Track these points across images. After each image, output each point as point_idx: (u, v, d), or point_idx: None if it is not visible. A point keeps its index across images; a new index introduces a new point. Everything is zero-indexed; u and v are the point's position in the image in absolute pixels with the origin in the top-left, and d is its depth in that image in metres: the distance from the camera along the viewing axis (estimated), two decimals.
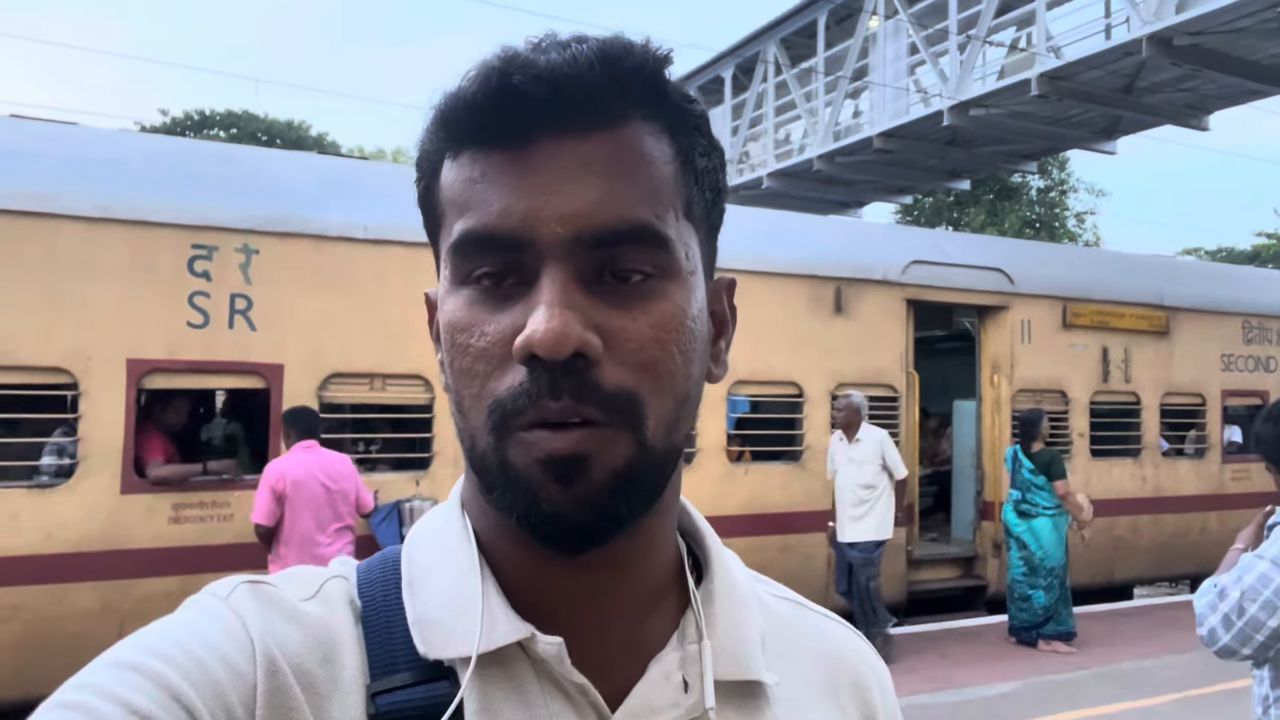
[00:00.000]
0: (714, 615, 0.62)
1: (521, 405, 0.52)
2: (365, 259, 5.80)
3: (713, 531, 0.67)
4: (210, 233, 5.42)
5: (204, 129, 26.36)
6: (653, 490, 0.57)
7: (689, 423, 0.59)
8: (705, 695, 0.59)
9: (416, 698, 0.54)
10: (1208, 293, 9.83)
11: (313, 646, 0.55)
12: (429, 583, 0.59)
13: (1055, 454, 7.04)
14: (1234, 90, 10.70)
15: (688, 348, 0.56)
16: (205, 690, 0.50)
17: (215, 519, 5.35)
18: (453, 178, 0.56)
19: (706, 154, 0.60)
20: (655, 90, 0.56)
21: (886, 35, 13.40)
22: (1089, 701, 5.68)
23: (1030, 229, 25.62)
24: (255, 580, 0.58)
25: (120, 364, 5.16)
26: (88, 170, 5.30)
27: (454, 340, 0.55)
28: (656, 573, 0.62)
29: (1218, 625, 1.96)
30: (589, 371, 0.52)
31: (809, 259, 7.51)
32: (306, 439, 4.92)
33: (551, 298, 0.51)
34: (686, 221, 0.58)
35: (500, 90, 0.53)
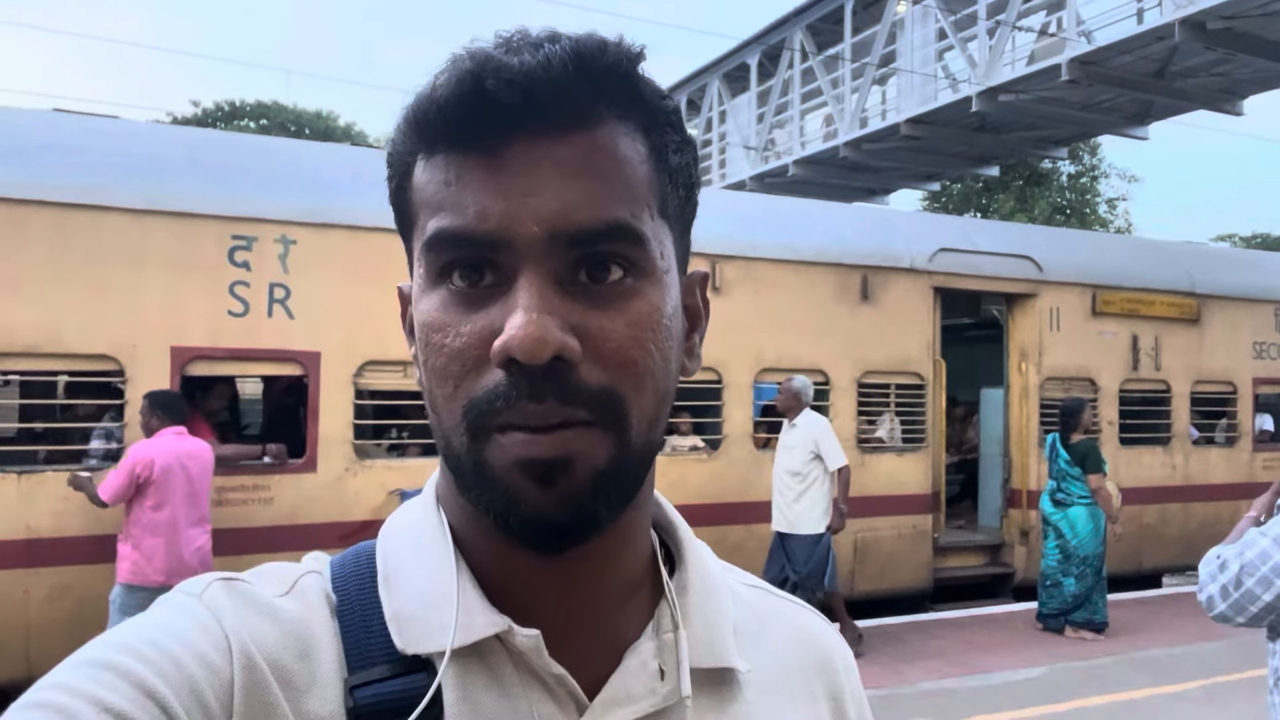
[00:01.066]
0: (688, 605, 0.64)
1: (499, 407, 0.52)
2: (399, 249, 5.86)
3: (685, 524, 0.69)
4: (250, 224, 5.56)
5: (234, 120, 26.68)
6: (632, 488, 0.58)
7: (666, 419, 0.59)
8: (681, 683, 0.60)
9: (395, 690, 0.54)
10: (1239, 280, 9.73)
11: (289, 642, 0.55)
12: (405, 577, 0.59)
13: (1093, 445, 7.00)
14: (1268, 74, 10.57)
15: (664, 345, 0.57)
16: (180, 687, 0.50)
17: (257, 502, 5.50)
18: (426, 179, 0.56)
19: (679, 150, 0.60)
20: (629, 89, 0.56)
21: (914, 21, 13.31)
22: (1116, 687, 5.70)
23: (1060, 215, 25.34)
24: (229, 577, 0.57)
25: (165, 351, 5.32)
26: (132, 163, 5.45)
27: (428, 339, 0.55)
28: (632, 565, 0.63)
29: (1215, 594, 2.04)
30: (570, 373, 0.52)
31: (836, 247, 7.53)
32: (176, 424, 4.79)
33: (529, 301, 0.52)
34: (661, 220, 0.58)
35: (473, 94, 0.52)
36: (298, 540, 5.48)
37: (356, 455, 5.81)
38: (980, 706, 5.34)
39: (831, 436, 6.20)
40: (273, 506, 5.53)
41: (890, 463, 7.72)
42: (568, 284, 0.54)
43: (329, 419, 5.70)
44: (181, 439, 4.80)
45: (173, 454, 4.69)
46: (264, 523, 5.49)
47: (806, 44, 15.17)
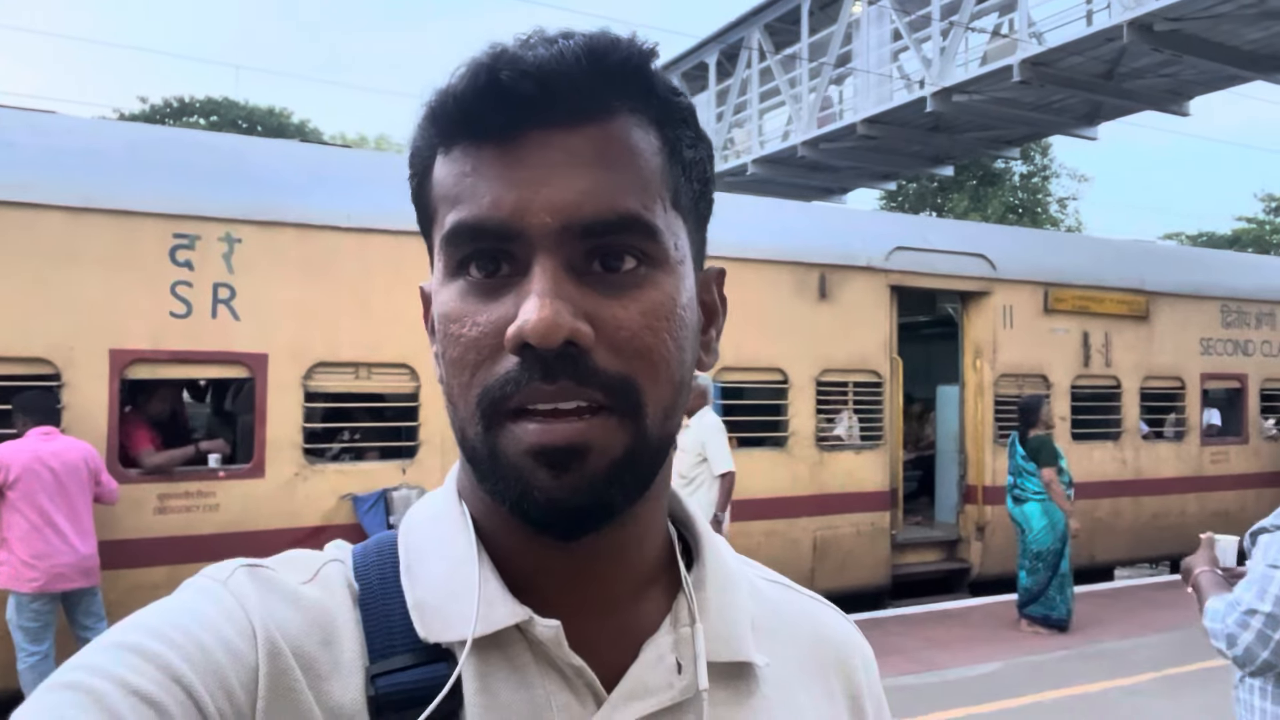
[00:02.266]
0: (705, 599, 0.64)
1: (509, 391, 0.53)
2: (349, 247, 5.78)
3: (703, 517, 0.69)
4: (192, 221, 5.39)
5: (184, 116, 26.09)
6: (647, 477, 0.58)
7: (682, 409, 0.60)
8: (699, 677, 0.60)
9: (416, 679, 0.55)
10: (1187, 277, 9.93)
11: (312, 629, 0.56)
12: (426, 567, 0.60)
13: (1046, 440, 7.05)
14: (1214, 75, 10.79)
15: (679, 335, 0.57)
16: (205, 672, 0.50)
17: (201, 509, 5.34)
18: (444, 173, 0.57)
19: (694, 145, 0.61)
20: (641, 84, 0.57)
21: (870, 21, 13.41)
22: (1071, 681, 5.76)
23: (1013, 214, 25.76)
24: (253, 564, 0.58)
25: (103, 354, 5.14)
26: (69, 159, 5.26)
27: (447, 331, 0.56)
28: (649, 558, 0.63)
29: (1251, 642, 1.90)
30: (584, 357, 0.53)
31: (794, 245, 7.54)
32: (44, 424, 4.65)
33: (542, 287, 0.52)
34: (675, 212, 0.59)
35: (489, 86, 0.54)
36: (245, 548, 5.32)
37: (306, 459, 5.67)
38: (938, 703, 5.36)
39: (721, 439, 5.85)
40: (218, 513, 5.37)
41: (848, 460, 7.75)
42: (582, 272, 0.55)
43: (277, 422, 5.55)
44: (48, 439, 4.62)
45: (32, 455, 4.51)
46: (209, 530, 5.33)
47: (764, 43, 15.20)
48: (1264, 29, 9.59)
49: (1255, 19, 9.27)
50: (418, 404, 5.98)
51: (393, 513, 5.64)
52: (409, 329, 5.90)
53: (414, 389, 5.96)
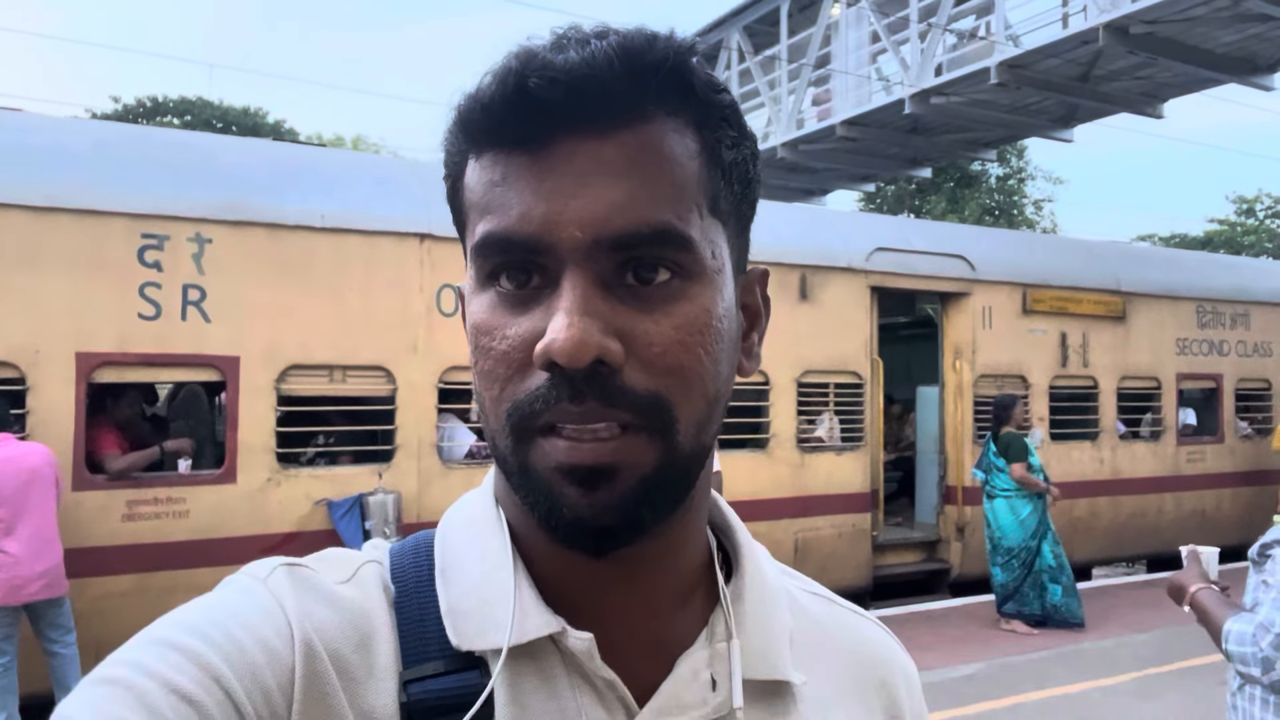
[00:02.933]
0: (743, 613, 0.62)
1: (539, 409, 0.52)
2: (323, 248, 5.68)
3: (743, 526, 0.68)
4: (161, 221, 5.28)
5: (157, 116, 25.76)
6: (679, 493, 0.57)
7: (719, 421, 0.58)
8: (733, 695, 0.59)
9: (448, 687, 0.55)
10: (1163, 278, 10.01)
11: (349, 632, 0.55)
12: (462, 572, 0.59)
13: (1015, 437, 7.11)
14: (1188, 78, 10.87)
15: (714, 349, 0.55)
16: (244, 672, 0.50)
17: (171, 515, 5.22)
18: (475, 179, 0.56)
19: (735, 145, 0.58)
20: (679, 84, 0.55)
21: (848, 23, 13.44)
22: (1051, 682, 5.76)
23: (990, 216, 25.95)
24: (292, 563, 0.58)
25: (69, 357, 5.01)
26: (33, 158, 5.13)
27: (477, 342, 0.56)
28: (686, 569, 0.62)
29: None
30: (613, 377, 0.51)
31: (774, 246, 7.51)
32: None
33: (570, 304, 0.51)
34: (713, 218, 0.57)
35: (516, 93, 0.52)
36: (216, 555, 5.22)
37: (279, 464, 5.56)
38: None
39: None
40: (189, 520, 5.26)
41: (829, 462, 7.73)
42: (613, 286, 0.53)
43: (249, 427, 5.44)
44: (4, 446, 4.45)
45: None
46: (180, 537, 5.22)
47: (744, 45, 15.21)
48: (1237, 32, 9.69)
49: (1229, 22, 9.35)
50: (394, 407, 5.88)
51: (368, 518, 5.54)
52: (384, 331, 5.82)
53: (390, 392, 5.87)
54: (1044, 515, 7.05)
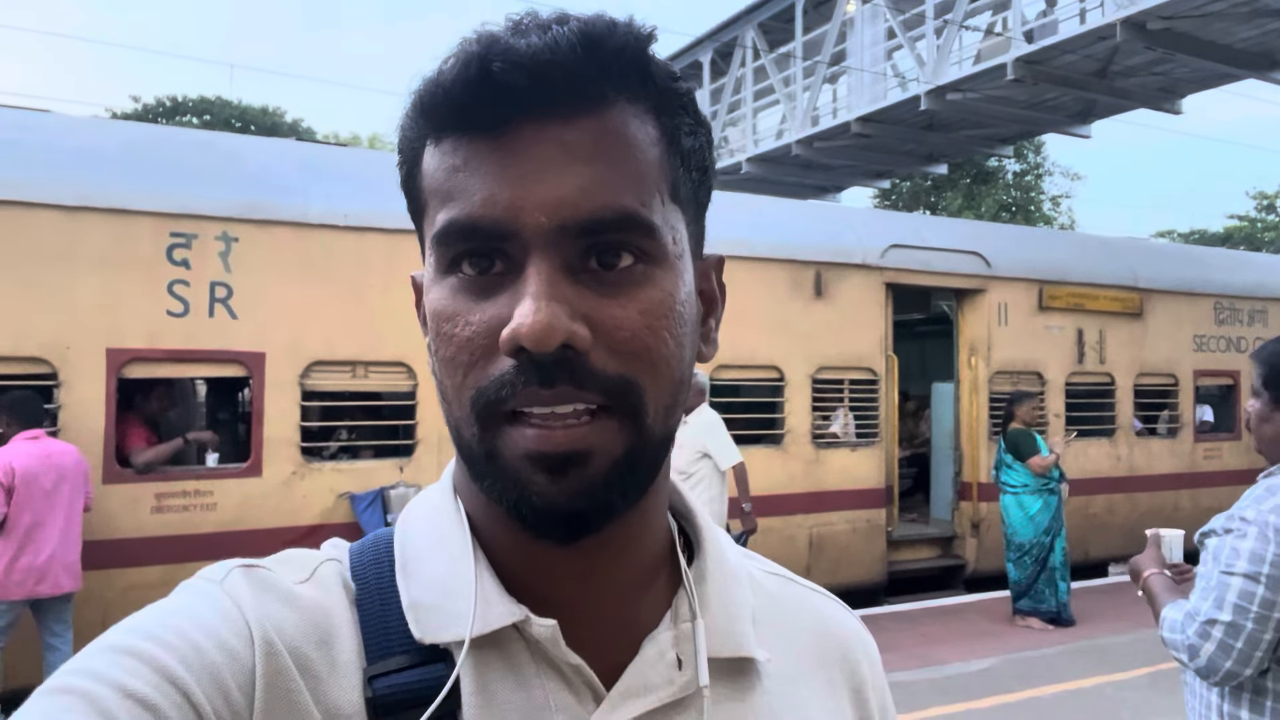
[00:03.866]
0: (706, 593, 0.63)
1: (505, 395, 0.52)
2: (346, 246, 5.78)
3: (703, 510, 0.69)
4: (189, 220, 5.39)
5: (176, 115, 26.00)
6: (648, 476, 0.57)
7: (682, 406, 0.59)
8: (699, 673, 0.59)
9: (413, 680, 0.54)
10: (1180, 274, 9.98)
11: (309, 630, 0.55)
12: (423, 566, 0.59)
13: (1022, 433, 7.13)
14: (1206, 74, 10.84)
15: (678, 332, 0.56)
16: (201, 674, 0.50)
17: (198, 508, 5.34)
18: (435, 165, 0.55)
19: (693, 133, 0.59)
20: (639, 71, 0.55)
21: (864, 20, 13.43)
22: (1064, 677, 5.79)
23: (1006, 213, 25.82)
24: (250, 564, 0.57)
25: (100, 353, 5.13)
26: (65, 158, 5.25)
27: (439, 329, 0.55)
28: (649, 553, 0.62)
29: (1215, 653, 1.84)
30: (581, 360, 0.52)
31: (790, 243, 7.55)
32: (31, 428, 4.57)
33: (537, 289, 0.51)
34: (673, 204, 0.57)
35: (480, 78, 0.52)
36: (242, 547, 5.32)
37: (304, 458, 5.67)
38: (935, 699, 5.38)
39: (719, 433, 5.76)
40: (215, 512, 5.37)
41: (844, 458, 7.77)
42: (578, 271, 0.53)
43: (274, 421, 5.55)
44: (39, 442, 4.55)
45: (32, 458, 4.45)
46: (207, 529, 5.33)
47: (758, 42, 15.22)
48: (1256, 27, 9.65)
49: (1247, 17, 9.31)
50: (415, 402, 5.98)
51: (390, 511, 5.64)
52: (406, 327, 5.90)
53: (411, 387, 5.96)
54: (1057, 512, 7.06)
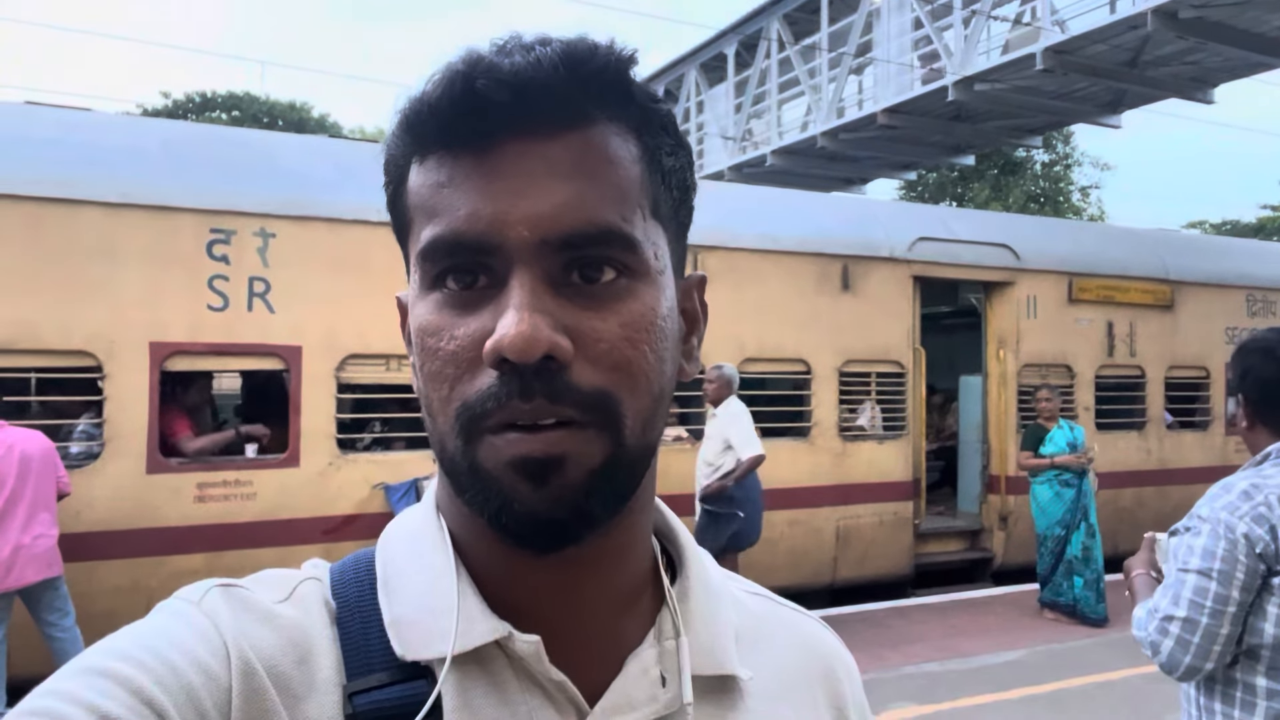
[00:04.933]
0: (689, 612, 0.63)
1: (490, 408, 0.52)
2: (380, 241, 5.87)
3: (686, 531, 0.69)
4: (228, 217, 5.50)
5: (205, 111, 26.33)
6: (626, 488, 0.57)
7: (664, 420, 0.59)
8: (683, 690, 0.60)
9: (394, 697, 0.54)
10: (1212, 266, 9.87)
11: (287, 648, 0.55)
12: (404, 583, 0.59)
13: (1032, 427, 7.20)
14: (1239, 63, 10.68)
15: (659, 347, 0.56)
16: (177, 694, 0.50)
17: (239, 498, 5.46)
18: (419, 182, 0.56)
19: (673, 153, 0.60)
20: (620, 91, 0.56)
21: (890, 10, 13.36)
22: (1092, 669, 5.80)
23: (1034, 204, 25.56)
24: (228, 584, 0.57)
25: (143, 346, 5.26)
26: (107, 156, 5.38)
27: (424, 344, 0.55)
28: (633, 571, 0.62)
29: (1174, 649, 1.87)
30: (561, 373, 0.52)
31: (816, 237, 7.57)
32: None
33: (520, 301, 0.52)
34: (654, 221, 0.58)
35: (464, 95, 0.53)
36: (281, 535, 5.46)
37: (339, 449, 5.78)
38: (962, 690, 5.41)
39: (741, 425, 5.86)
40: (255, 502, 5.49)
41: (871, 450, 7.78)
42: (560, 285, 0.54)
43: (311, 413, 5.67)
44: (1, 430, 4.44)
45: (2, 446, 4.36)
46: (247, 518, 5.46)
47: (783, 34, 15.17)
48: None
49: None
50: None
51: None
52: None
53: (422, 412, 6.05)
54: (1075, 505, 6.99)
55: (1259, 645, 1.82)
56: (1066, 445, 7.06)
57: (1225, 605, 1.82)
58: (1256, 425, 2.04)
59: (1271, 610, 1.81)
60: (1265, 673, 1.83)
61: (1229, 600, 1.82)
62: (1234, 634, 1.83)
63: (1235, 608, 1.82)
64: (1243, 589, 1.82)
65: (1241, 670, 1.86)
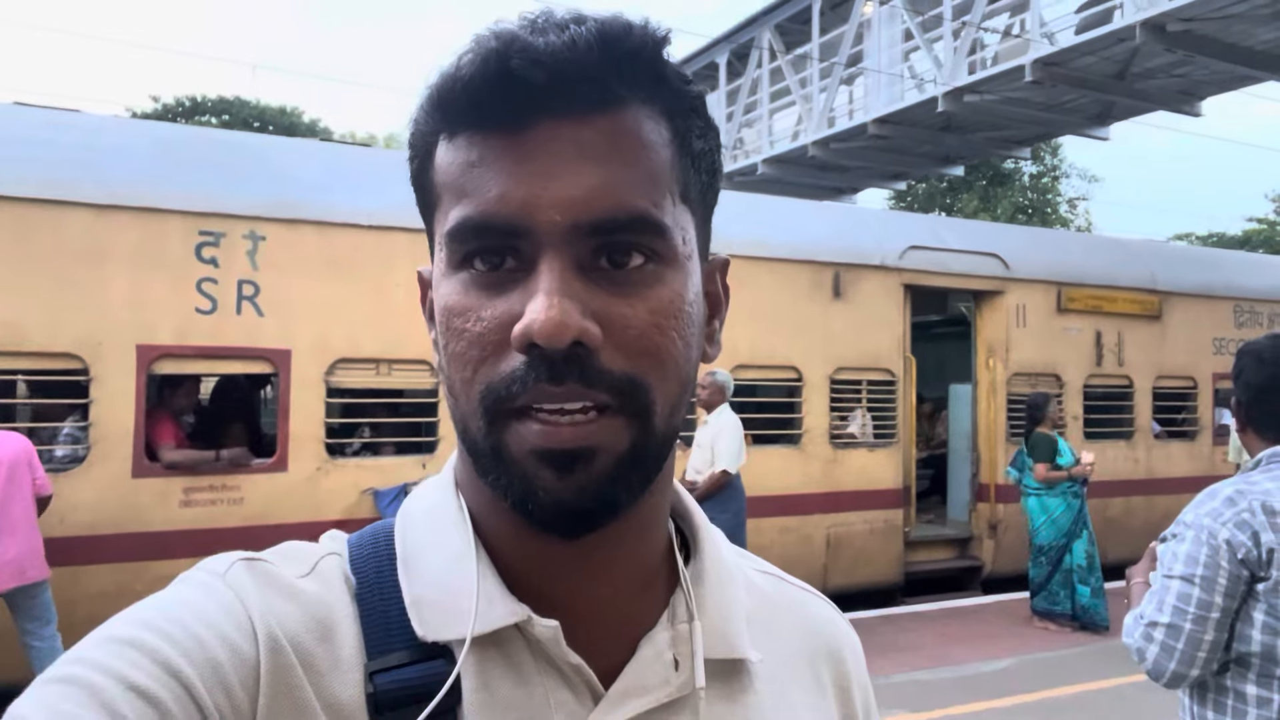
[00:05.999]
0: (703, 595, 0.63)
1: (515, 391, 0.52)
2: (370, 245, 5.85)
3: (701, 510, 0.69)
4: (217, 219, 5.47)
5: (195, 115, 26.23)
6: (652, 474, 0.57)
7: (687, 404, 0.59)
8: (696, 674, 0.60)
9: (414, 676, 0.54)
10: (1199, 277, 9.94)
11: (311, 624, 0.55)
12: (424, 562, 0.59)
13: (1041, 437, 7.11)
14: (1226, 76, 10.79)
15: (686, 332, 0.56)
16: (204, 668, 0.50)
17: (225, 502, 5.41)
18: (449, 160, 0.55)
19: (703, 136, 0.59)
20: (654, 73, 0.56)
21: (881, 21, 13.44)
22: (1084, 678, 5.80)
23: (1023, 214, 25.73)
24: (251, 557, 0.58)
25: (130, 349, 5.21)
26: (96, 157, 5.34)
27: (449, 324, 0.55)
28: (650, 553, 0.63)
29: (1159, 655, 1.87)
30: (590, 358, 0.52)
31: (809, 244, 7.58)
32: None
33: (550, 286, 0.51)
34: (683, 205, 0.58)
35: (498, 74, 0.52)
36: (268, 541, 5.31)
37: (328, 454, 5.74)
38: (953, 697, 5.40)
39: (729, 437, 5.80)
40: (242, 507, 5.45)
41: (862, 458, 7.79)
42: (589, 270, 0.53)
43: (300, 417, 5.62)
44: None
45: None
46: (234, 523, 5.40)
47: (775, 43, 15.24)
48: (1277, 29, 9.60)
49: (1268, 19, 9.27)
50: (437, 400, 6.05)
51: None
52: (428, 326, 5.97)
53: (434, 385, 6.03)
54: (1079, 514, 7.04)
55: (1248, 653, 1.82)
56: (1073, 456, 7.08)
57: (1208, 611, 1.82)
58: (1247, 429, 2.05)
59: (1258, 617, 1.80)
60: (1255, 680, 1.82)
61: (1212, 606, 1.82)
62: (1219, 640, 1.83)
63: (1219, 614, 1.82)
64: (1225, 595, 1.82)
65: (1232, 678, 1.86)
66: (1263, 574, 1.80)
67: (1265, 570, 1.80)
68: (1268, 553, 1.79)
